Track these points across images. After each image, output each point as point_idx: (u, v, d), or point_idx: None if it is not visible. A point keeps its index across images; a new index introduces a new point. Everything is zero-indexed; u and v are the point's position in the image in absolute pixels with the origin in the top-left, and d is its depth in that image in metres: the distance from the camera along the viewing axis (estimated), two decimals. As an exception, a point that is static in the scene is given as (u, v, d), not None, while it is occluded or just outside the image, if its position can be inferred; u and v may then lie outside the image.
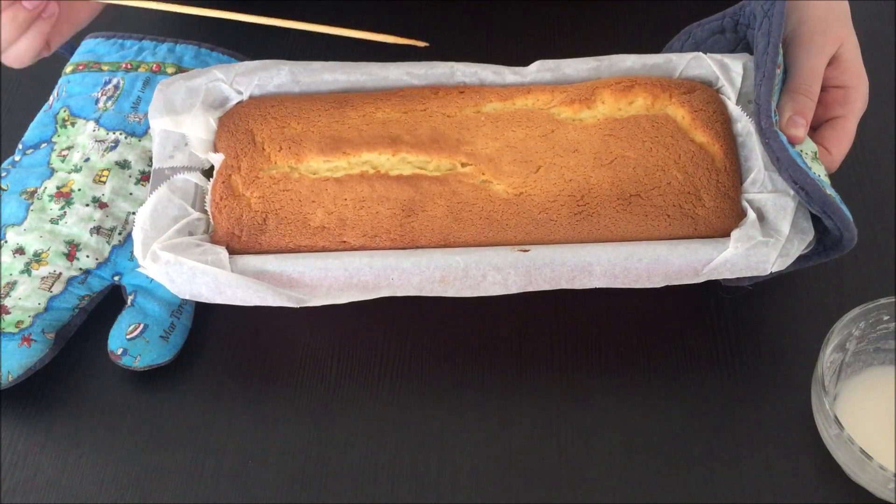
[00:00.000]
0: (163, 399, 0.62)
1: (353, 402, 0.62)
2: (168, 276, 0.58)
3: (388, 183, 0.61)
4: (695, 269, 0.60)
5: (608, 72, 0.67)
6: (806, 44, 0.63)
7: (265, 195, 0.61)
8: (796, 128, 0.60)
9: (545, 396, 0.62)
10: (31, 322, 0.61)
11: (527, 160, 0.62)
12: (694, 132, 0.63)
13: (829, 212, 0.57)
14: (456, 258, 0.59)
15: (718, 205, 0.61)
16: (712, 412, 0.61)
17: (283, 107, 0.65)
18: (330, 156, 0.63)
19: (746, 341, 0.64)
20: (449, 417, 0.61)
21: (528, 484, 0.58)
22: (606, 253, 0.59)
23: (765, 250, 0.58)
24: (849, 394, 0.60)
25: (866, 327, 0.59)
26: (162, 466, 0.59)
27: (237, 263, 0.59)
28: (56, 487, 0.59)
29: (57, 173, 0.67)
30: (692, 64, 0.67)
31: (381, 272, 0.59)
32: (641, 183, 0.61)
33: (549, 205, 0.61)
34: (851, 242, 0.58)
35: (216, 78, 0.66)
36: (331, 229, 0.60)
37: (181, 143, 0.64)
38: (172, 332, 0.63)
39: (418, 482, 0.59)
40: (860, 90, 0.63)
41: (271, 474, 0.59)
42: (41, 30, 0.63)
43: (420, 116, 0.64)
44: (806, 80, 0.61)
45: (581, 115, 0.65)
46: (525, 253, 0.59)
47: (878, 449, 0.55)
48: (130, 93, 0.71)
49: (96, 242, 0.65)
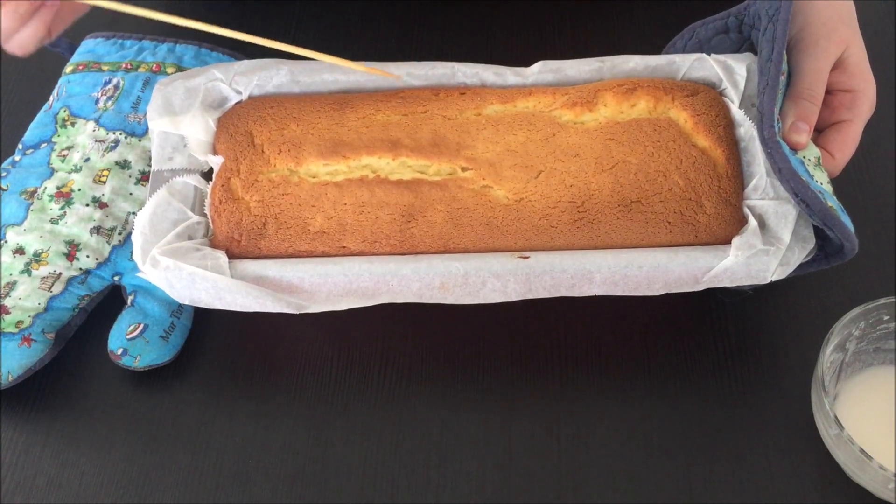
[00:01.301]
0: (163, 399, 0.62)
1: (353, 402, 0.62)
2: (168, 281, 0.58)
3: (388, 188, 0.61)
4: (695, 277, 0.59)
5: (611, 73, 0.66)
6: (810, 47, 0.62)
7: (264, 199, 0.61)
8: (799, 134, 0.59)
9: (545, 397, 0.62)
10: (31, 322, 0.61)
11: (527, 165, 0.62)
12: (696, 136, 0.63)
13: (829, 224, 0.56)
14: (455, 265, 0.58)
15: (720, 211, 0.60)
16: (712, 412, 0.61)
17: (283, 108, 0.65)
18: (329, 159, 0.62)
19: (746, 342, 0.64)
20: (449, 418, 0.61)
21: (528, 484, 0.58)
22: (606, 260, 0.59)
23: (765, 259, 0.58)
24: (849, 394, 0.60)
25: (866, 327, 0.59)
26: (162, 466, 0.59)
27: (236, 268, 0.59)
28: (56, 487, 0.59)
29: (57, 173, 0.67)
30: (695, 65, 0.66)
31: (381, 278, 0.59)
32: (642, 189, 0.61)
33: (550, 211, 0.61)
34: (853, 252, 0.58)
35: (215, 77, 0.65)
36: (330, 234, 0.60)
37: (180, 144, 0.63)
38: (172, 332, 0.63)
39: (418, 482, 0.59)
40: (867, 94, 0.62)
41: (271, 474, 0.59)
42: (44, 18, 0.62)
43: (420, 119, 0.64)
44: (810, 85, 0.61)
45: (583, 118, 0.64)
46: (525, 260, 0.59)
47: (878, 449, 0.55)
48: (130, 93, 0.71)
49: (96, 242, 0.64)
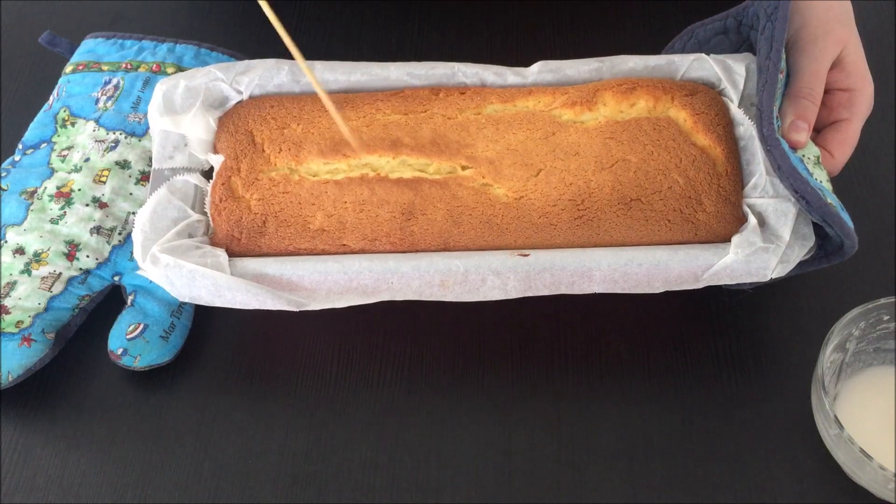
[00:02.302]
0: (163, 399, 0.62)
1: (353, 403, 0.62)
2: (168, 278, 0.58)
3: (389, 186, 0.61)
4: (695, 274, 0.59)
5: (610, 73, 0.66)
6: (808, 47, 0.62)
7: (265, 197, 0.61)
8: (798, 132, 0.60)
9: (545, 397, 0.62)
10: (31, 322, 0.61)
11: (527, 163, 0.62)
12: (696, 135, 0.63)
13: (829, 221, 0.57)
14: (455, 262, 0.59)
15: (719, 209, 0.61)
16: (712, 412, 0.61)
17: (283, 107, 0.65)
18: (330, 158, 0.62)
19: (746, 342, 0.64)
20: (449, 418, 0.61)
21: (528, 484, 0.58)
22: (606, 258, 0.59)
23: (765, 256, 0.58)
24: (849, 394, 0.60)
25: (866, 327, 0.59)
26: (162, 466, 0.59)
27: (237, 266, 0.59)
28: (56, 487, 0.59)
29: (57, 173, 0.67)
30: (695, 65, 0.66)
31: (381, 276, 0.59)
32: (642, 187, 0.61)
33: (550, 209, 0.61)
34: (852, 250, 0.58)
35: (216, 77, 0.65)
36: (330, 232, 0.60)
37: (181, 143, 0.64)
38: (172, 332, 0.63)
39: (418, 482, 0.59)
40: (865, 93, 0.62)
41: (271, 474, 0.59)
42: None
43: (421, 118, 0.64)
44: (808, 84, 0.61)
45: (582, 117, 0.64)
46: (525, 257, 0.59)
47: (878, 449, 0.55)
48: (130, 93, 0.71)
49: (96, 242, 0.64)
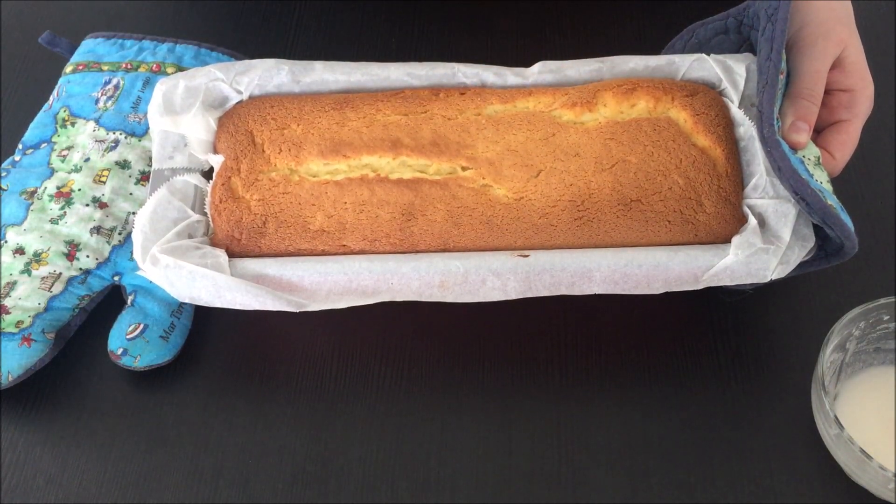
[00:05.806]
0: (163, 399, 0.62)
1: (353, 402, 0.62)
2: (168, 279, 0.58)
3: (389, 187, 0.61)
4: (695, 275, 0.59)
5: (610, 73, 0.66)
6: (809, 47, 0.62)
7: (265, 198, 0.61)
8: (798, 133, 0.60)
9: (545, 397, 0.62)
10: (31, 322, 0.61)
11: (527, 164, 0.62)
12: (696, 136, 0.63)
13: (829, 222, 0.57)
14: (455, 263, 0.58)
15: (719, 210, 0.61)
16: (712, 412, 0.61)
17: (283, 108, 0.65)
18: (330, 158, 0.62)
19: (746, 342, 0.64)
20: (449, 418, 0.61)
21: (528, 484, 0.58)
22: (606, 259, 0.59)
23: (765, 257, 0.58)
24: (849, 394, 0.60)
25: (866, 327, 0.59)
26: (162, 466, 0.59)
27: (237, 267, 0.59)
28: (56, 487, 0.59)
29: (57, 173, 0.67)
30: (695, 66, 0.66)
31: (381, 277, 0.59)
32: (642, 188, 0.61)
33: (550, 210, 0.61)
34: (853, 251, 0.58)
35: (216, 77, 0.65)
36: (331, 233, 0.60)
37: (181, 143, 0.64)
38: (172, 332, 0.63)
39: (418, 482, 0.59)
40: (865, 93, 0.62)
41: (271, 474, 0.59)
42: None
43: (421, 119, 0.64)
44: (809, 85, 0.61)
45: (583, 117, 0.64)
46: (525, 258, 0.59)
47: (878, 449, 0.55)
48: (130, 93, 0.71)
49: (96, 242, 0.64)
